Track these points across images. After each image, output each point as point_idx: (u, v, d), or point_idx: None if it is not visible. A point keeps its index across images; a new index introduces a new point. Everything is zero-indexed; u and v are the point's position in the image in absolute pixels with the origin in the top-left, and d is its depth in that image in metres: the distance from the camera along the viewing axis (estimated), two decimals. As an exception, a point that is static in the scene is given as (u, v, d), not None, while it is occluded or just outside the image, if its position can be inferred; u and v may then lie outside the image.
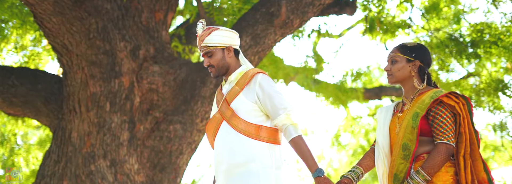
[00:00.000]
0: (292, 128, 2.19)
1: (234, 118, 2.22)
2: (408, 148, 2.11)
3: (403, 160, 2.12)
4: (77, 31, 4.29)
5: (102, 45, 4.39)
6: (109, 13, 4.44)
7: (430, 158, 2.08)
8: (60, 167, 4.35)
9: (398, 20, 5.61)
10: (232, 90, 2.27)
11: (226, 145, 2.24)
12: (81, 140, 4.34)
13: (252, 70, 2.29)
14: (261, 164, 2.18)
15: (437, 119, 2.11)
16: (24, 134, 7.75)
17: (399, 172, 2.12)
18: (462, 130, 2.11)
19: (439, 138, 2.10)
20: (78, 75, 4.40)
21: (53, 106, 4.80)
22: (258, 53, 4.58)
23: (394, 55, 2.24)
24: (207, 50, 2.28)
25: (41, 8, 4.08)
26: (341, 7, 4.88)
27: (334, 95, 7.28)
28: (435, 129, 2.12)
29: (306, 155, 2.17)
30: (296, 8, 4.25)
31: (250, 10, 4.59)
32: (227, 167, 2.22)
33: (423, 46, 2.26)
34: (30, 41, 6.46)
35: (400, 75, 2.21)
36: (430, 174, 2.07)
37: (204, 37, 2.28)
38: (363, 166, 2.29)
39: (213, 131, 2.29)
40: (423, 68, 2.21)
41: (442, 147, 2.08)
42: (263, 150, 2.20)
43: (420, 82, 2.20)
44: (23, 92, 4.86)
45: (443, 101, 2.12)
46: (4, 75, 4.91)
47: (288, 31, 4.45)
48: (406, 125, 2.14)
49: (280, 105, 2.20)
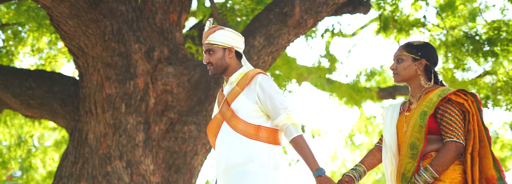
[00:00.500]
0: (292, 127, 2.19)
1: (234, 118, 2.23)
2: (416, 147, 2.10)
3: (411, 159, 2.11)
4: (93, 33, 4.34)
5: (117, 47, 4.43)
6: (123, 15, 4.48)
7: (439, 156, 2.07)
8: (77, 168, 4.40)
9: (412, 19, 5.56)
10: (232, 91, 2.27)
11: (225, 145, 2.25)
12: (98, 141, 4.38)
13: (253, 71, 2.29)
14: (259, 164, 2.18)
15: (446, 117, 2.09)
16: (41, 136, 7.86)
17: (407, 171, 2.11)
18: (471, 127, 2.09)
19: (449, 136, 2.08)
20: (94, 77, 4.44)
21: (69, 108, 4.85)
22: (272, 53, 4.58)
23: (399, 54, 2.22)
24: (208, 48, 2.29)
25: (57, 11, 4.13)
26: (355, 6, 4.85)
27: (347, 95, 7.24)
28: (444, 127, 2.10)
29: (307, 154, 2.16)
30: (310, 7, 4.24)
31: (264, 11, 4.59)
32: (225, 167, 2.23)
33: (429, 45, 2.24)
34: (46, 44, 6.54)
35: (406, 74, 2.19)
36: (439, 171, 2.05)
37: (208, 34, 2.30)
38: (365, 164, 2.28)
39: (214, 132, 2.30)
40: (429, 67, 2.19)
41: (451, 145, 2.07)
42: (262, 150, 2.20)
43: (426, 81, 2.19)
44: (40, 94, 4.92)
45: (452, 98, 2.10)
46: (22, 77, 4.99)
47: (302, 31, 4.44)
48: (414, 123, 2.13)
49: (281, 105, 2.21)
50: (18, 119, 7.06)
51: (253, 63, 4.54)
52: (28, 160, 7.38)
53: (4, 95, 4.98)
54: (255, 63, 4.56)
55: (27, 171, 7.45)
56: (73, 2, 4.14)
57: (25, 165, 7.41)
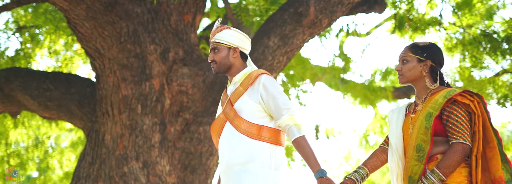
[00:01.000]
0: (295, 128, 2.19)
1: (236, 118, 2.23)
2: (422, 149, 2.07)
3: (418, 162, 2.08)
4: (109, 35, 4.38)
5: (133, 48, 4.46)
6: (139, 16, 4.51)
7: (446, 158, 2.03)
8: (94, 169, 4.44)
9: (428, 17, 5.50)
10: (236, 91, 2.28)
11: (228, 145, 2.25)
12: (114, 142, 4.42)
13: (256, 71, 2.29)
14: (260, 164, 2.18)
15: (452, 118, 2.06)
16: (57, 137, 7.95)
17: (414, 174, 2.08)
18: (476, 128, 2.06)
19: (455, 138, 2.05)
20: (110, 78, 4.48)
21: (86, 109, 4.90)
22: (287, 53, 4.57)
23: (405, 55, 2.20)
24: (214, 46, 2.30)
25: (74, 14, 4.18)
26: (370, 6, 4.81)
27: (362, 94, 7.19)
28: (450, 128, 2.07)
29: (309, 155, 2.16)
30: (325, 7, 4.22)
31: (278, 11, 4.58)
32: (227, 166, 2.23)
33: (435, 46, 2.22)
34: (62, 46, 6.62)
35: (411, 75, 2.17)
36: (446, 174, 2.02)
37: (215, 33, 2.31)
38: (368, 167, 2.25)
39: (217, 132, 2.31)
40: (435, 68, 2.17)
41: (458, 147, 2.04)
42: (264, 150, 2.20)
43: (432, 82, 2.16)
44: (57, 96, 4.98)
45: (457, 99, 2.07)
46: (39, 79, 5.06)
47: (317, 31, 4.42)
48: (419, 125, 2.10)
49: (284, 105, 2.21)
50: (36, 120, 7.15)
51: (268, 63, 4.54)
52: (45, 161, 7.48)
53: (23, 97, 5.06)
54: (270, 64, 4.55)
55: (44, 171, 7.55)
56: (90, 5, 4.18)
57: (43, 166, 7.50)
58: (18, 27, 6.33)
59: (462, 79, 5.69)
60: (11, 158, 7.05)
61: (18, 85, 5.04)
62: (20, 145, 7.51)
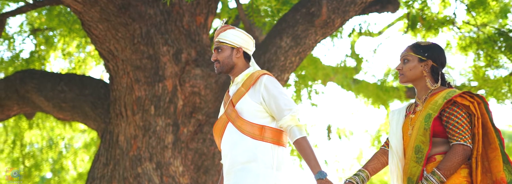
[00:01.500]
0: (296, 129, 2.19)
1: (238, 119, 2.22)
2: (421, 150, 2.05)
3: (416, 163, 2.06)
4: (122, 37, 4.40)
5: (146, 50, 4.48)
6: (152, 18, 4.53)
7: (446, 159, 2.01)
8: (109, 169, 4.47)
9: (441, 16, 5.44)
10: (238, 91, 2.27)
11: (230, 145, 2.24)
12: (128, 143, 4.44)
13: (258, 71, 2.28)
14: (262, 164, 2.17)
15: (452, 120, 2.04)
16: (70, 138, 8.03)
17: (413, 176, 2.06)
18: (476, 130, 2.03)
19: (455, 139, 2.02)
20: (124, 80, 4.51)
21: (100, 110, 4.94)
22: (299, 54, 4.56)
23: (406, 54, 2.18)
24: (217, 45, 2.30)
25: (88, 16, 4.21)
26: (383, 5, 4.78)
27: (374, 94, 7.14)
28: (450, 130, 2.04)
29: (309, 156, 2.15)
30: (337, 7, 4.20)
31: (290, 11, 4.57)
32: (230, 166, 2.23)
33: (437, 46, 2.19)
34: (75, 48, 6.68)
35: (412, 75, 2.14)
36: (446, 175, 1.99)
37: (219, 33, 2.32)
38: (369, 169, 2.22)
39: (219, 132, 2.30)
40: (436, 68, 2.14)
41: (458, 148, 2.01)
42: (266, 150, 2.20)
43: (433, 82, 2.13)
44: (71, 97, 5.03)
45: (457, 101, 2.04)
46: (54, 81, 5.11)
47: (329, 31, 4.40)
48: (419, 126, 2.08)
49: (285, 106, 2.20)
50: (49, 121, 7.23)
51: (280, 64, 4.53)
52: (59, 162, 7.55)
53: (38, 98, 5.11)
54: (282, 64, 4.54)
55: (59, 172, 7.62)
56: (103, 7, 4.21)
57: (57, 167, 7.58)
58: (32, 29, 6.40)
59: (476, 78, 5.63)
60: (26, 159, 7.13)
61: (33, 87, 5.10)
62: (34, 146, 7.59)
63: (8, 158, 7.33)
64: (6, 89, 5.16)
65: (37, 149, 7.56)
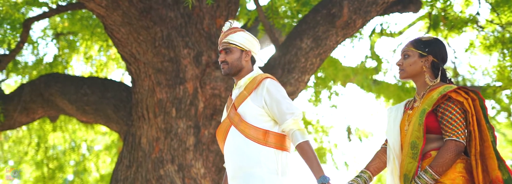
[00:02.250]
0: (298, 133, 2.17)
1: (241, 123, 2.20)
2: (416, 146, 2.02)
3: (412, 159, 2.02)
4: (144, 40, 4.45)
5: (167, 52, 4.51)
6: (173, 21, 4.56)
7: (438, 156, 1.97)
8: (131, 172, 4.51)
9: (464, 15, 5.35)
10: (240, 95, 2.26)
11: (234, 149, 2.22)
12: (150, 146, 4.48)
13: (261, 75, 2.28)
14: (266, 170, 2.15)
15: (446, 115, 2.01)
16: (92, 140, 8.14)
17: (409, 172, 2.03)
18: (471, 128, 2.00)
19: (448, 135, 1.99)
20: (146, 82, 4.55)
21: (122, 113, 4.99)
22: (320, 55, 4.53)
23: (406, 49, 2.15)
24: (227, 47, 2.28)
25: (111, 20, 4.27)
26: (404, 5, 4.72)
27: (395, 95, 7.05)
28: (444, 125, 2.01)
29: (312, 161, 2.12)
30: (359, 7, 4.16)
31: (311, 12, 4.55)
32: (234, 171, 2.21)
33: (439, 41, 2.15)
34: (97, 52, 6.78)
35: (412, 70, 2.11)
36: (439, 173, 1.96)
37: (228, 34, 2.30)
38: (371, 170, 2.19)
39: (222, 136, 2.28)
40: (437, 64, 2.10)
41: (450, 144, 1.98)
42: (270, 156, 2.18)
43: (432, 78, 2.10)
44: (94, 100, 5.10)
45: (452, 96, 2.01)
46: (77, 85, 5.19)
47: (350, 32, 4.37)
48: (414, 122, 2.05)
49: (287, 110, 2.18)
50: (72, 124, 7.34)
51: (301, 65, 4.51)
52: (82, 164, 7.66)
53: (61, 101, 5.20)
54: (303, 65, 4.52)
55: (81, 174, 7.73)
56: (125, 10, 4.26)
57: (80, 169, 7.69)
58: (55, 34, 6.51)
59: (501, 79, 5.51)
60: (50, 161, 7.26)
61: (57, 90, 5.19)
62: (57, 149, 7.72)
63: (32, 160, 7.47)
64: (31, 92, 5.26)
65: (60, 151, 7.68)
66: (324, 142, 7.72)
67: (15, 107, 5.21)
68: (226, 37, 2.30)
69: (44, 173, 7.14)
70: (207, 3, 4.03)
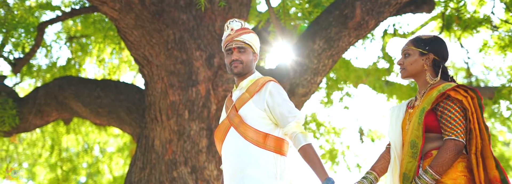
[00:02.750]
0: (301, 136, 2.15)
1: (242, 124, 2.19)
2: (416, 145, 2.00)
3: (412, 159, 2.01)
4: (157, 42, 4.47)
5: (179, 55, 4.53)
6: (185, 23, 4.58)
7: (438, 156, 1.95)
8: (145, 173, 4.53)
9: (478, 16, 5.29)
10: (241, 97, 2.24)
11: (232, 151, 2.20)
12: (163, 148, 4.49)
13: (263, 78, 2.27)
14: (265, 173, 2.14)
15: (445, 114, 1.98)
16: (105, 142, 8.20)
17: (408, 171, 2.01)
18: (472, 126, 1.97)
19: (447, 134, 1.97)
20: (158, 85, 4.57)
21: (135, 115, 5.02)
22: (332, 56, 4.51)
23: (407, 48, 2.13)
24: (241, 45, 2.26)
25: (124, 23, 4.30)
26: (417, 5, 4.68)
27: (408, 96, 7.00)
28: (443, 124, 1.99)
29: (316, 163, 2.10)
30: (371, 8, 4.14)
31: (323, 13, 4.54)
32: (232, 174, 2.19)
33: (439, 39, 2.13)
34: (109, 54, 6.83)
35: (413, 69, 2.10)
36: (439, 172, 1.93)
37: (242, 33, 2.28)
38: (376, 170, 2.18)
39: (221, 137, 2.26)
40: (438, 62, 2.09)
41: (450, 144, 1.95)
42: (269, 159, 2.16)
43: (433, 76, 2.08)
44: (107, 103, 5.13)
45: (451, 95, 1.98)
46: (90, 87, 5.23)
47: (363, 33, 4.34)
48: (414, 121, 2.03)
49: (290, 113, 2.17)
50: (85, 126, 7.40)
51: (313, 67, 4.50)
52: (95, 165, 7.71)
53: (75, 104, 5.24)
54: (315, 67, 4.51)
55: (95, 176, 7.79)
56: (138, 13, 4.29)
57: (93, 171, 7.74)
58: (68, 37, 6.58)
59: (517, 79, 5.43)
60: (63, 164, 7.32)
61: (71, 93, 5.23)
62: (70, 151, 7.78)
63: (45, 162, 7.54)
64: (46, 95, 5.31)
65: (73, 154, 7.74)
66: (336, 143, 7.69)
67: (30, 109, 5.27)
68: (239, 36, 2.27)
69: (58, 175, 7.20)
70: (219, 5, 4.04)
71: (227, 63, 2.27)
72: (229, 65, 2.26)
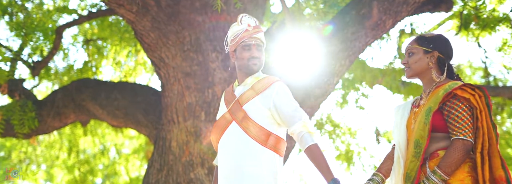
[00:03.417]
0: (308, 135, 2.13)
1: (246, 120, 2.16)
2: (419, 145, 1.97)
3: (414, 158, 1.98)
4: (173, 44, 4.49)
5: (195, 56, 4.54)
6: (201, 25, 4.60)
7: (446, 156, 1.92)
8: (163, 175, 4.55)
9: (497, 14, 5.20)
10: (247, 93, 2.23)
11: (232, 147, 2.17)
12: (180, 149, 4.51)
13: (270, 78, 2.26)
14: (266, 171, 2.12)
15: (452, 113, 1.95)
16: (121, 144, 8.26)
17: (410, 171, 1.99)
18: (480, 124, 1.94)
19: (455, 134, 1.94)
20: (175, 86, 4.59)
21: (151, 117, 5.05)
22: (349, 56, 4.48)
23: (411, 47, 2.11)
24: (260, 44, 2.27)
25: (140, 25, 4.33)
26: (435, 5, 4.63)
27: (425, 97, 6.91)
28: (450, 124, 1.96)
29: (322, 164, 2.08)
30: (389, 8, 4.10)
31: (339, 14, 4.51)
32: (228, 170, 2.15)
33: (443, 37, 2.11)
34: (125, 57, 6.89)
35: (417, 67, 2.07)
36: (447, 173, 1.90)
37: (259, 31, 2.28)
38: (383, 172, 2.16)
39: (220, 132, 2.22)
40: (443, 60, 2.06)
41: (458, 143, 1.93)
42: (270, 157, 2.14)
43: (439, 74, 2.05)
44: (124, 105, 5.17)
45: (457, 93, 1.96)
46: (107, 89, 5.28)
47: (380, 33, 4.31)
48: (419, 120, 2.01)
49: (296, 113, 2.17)
50: (102, 128, 7.47)
51: (331, 67, 4.47)
52: (112, 167, 7.78)
53: (93, 106, 5.30)
54: (332, 68, 4.48)
55: (112, 177, 7.85)
56: (154, 15, 4.31)
57: (110, 172, 7.81)
58: (85, 40, 6.65)
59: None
60: (81, 165, 7.40)
61: (88, 95, 5.29)
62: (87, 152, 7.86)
63: (63, 164, 7.63)
64: (64, 98, 5.37)
65: (90, 155, 7.82)
66: (351, 144, 7.63)
67: (49, 112, 5.34)
68: (257, 33, 2.27)
69: (75, 176, 7.28)
70: (236, 7, 4.04)
71: (245, 58, 2.24)
72: (247, 61, 2.25)
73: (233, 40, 2.27)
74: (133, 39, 6.18)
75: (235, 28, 2.29)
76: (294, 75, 4.61)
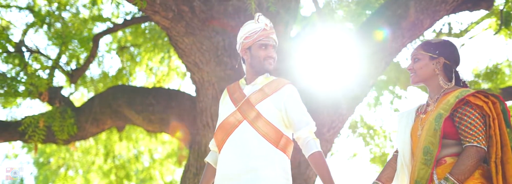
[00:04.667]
0: (314, 142, 2.12)
1: (260, 119, 2.12)
2: (430, 152, 1.91)
3: (425, 166, 1.92)
4: (207, 49, 4.52)
5: (229, 61, 4.55)
6: (234, 30, 4.60)
7: (459, 163, 1.86)
8: (198, 179, 4.57)
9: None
10: (259, 92, 2.19)
11: (242, 147, 2.10)
12: (216, 154, 4.52)
13: (282, 79, 2.25)
14: (281, 173, 2.07)
15: (465, 120, 1.90)
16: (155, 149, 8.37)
17: (420, 178, 1.92)
18: (492, 132, 1.89)
19: (468, 141, 1.89)
20: (209, 91, 4.61)
21: (186, 122, 5.08)
22: (385, 58, 4.40)
23: (416, 53, 2.07)
24: (275, 45, 2.26)
25: (175, 31, 4.37)
26: (475, 3, 4.49)
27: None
28: (463, 131, 1.90)
29: (324, 171, 2.06)
30: (426, 7, 4.01)
31: (374, 14, 4.44)
32: (238, 171, 2.07)
33: (449, 43, 2.06)
34: (158, 63, 6.99)
35: (423, 73, 2.03)
36: (460, 180, 1.85)
37: (273, 32, 2.27)
38: (383, 180, 2.12)
39: (227, 131, 2.15)
40: (449, 66, 2.01)
41: (472, 150, 1.87)
42: (283, 159, 2.10)
43: (446, 81, 2.01)
44: (159, 110, 5.23)
45: (470, 100, 1.90)
46: (143, 95, 5.35)
47: (418, 33, 4.21)
48: (428, 127, 1.95)
49: (306, 118, 2.15)
50: (136, 133, 7.58)
51: (366, 69, 4.40)
52: (146, 171, 7.88)
53: (128, 112, 5.38)
54: (367, 70, 4.41)
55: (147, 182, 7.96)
56: (188, 21, 4.35)
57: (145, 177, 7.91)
58: (119, 47, 6.79)
59: None
60: (117, 170, 7.52)
61: (124, 101, 5.38)
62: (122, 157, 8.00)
63: (99, 169, 7.78)
64: (100, 104, 5.48)
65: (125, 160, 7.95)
66: (386, 147, 7.48)
67: (86, 118, 5.46)
68: (273, 34, 2.27)
69: (111, 181, 7.40)
70: (270, 10, 4.04)
71: (261, 57, 2.22)
72: (263, 60, 2.22)
73: (248, 38, 2.24)
74: (166, 45, 6.26)
75: (251, 25, 2.27)
76: (328, 78, 4.56)
